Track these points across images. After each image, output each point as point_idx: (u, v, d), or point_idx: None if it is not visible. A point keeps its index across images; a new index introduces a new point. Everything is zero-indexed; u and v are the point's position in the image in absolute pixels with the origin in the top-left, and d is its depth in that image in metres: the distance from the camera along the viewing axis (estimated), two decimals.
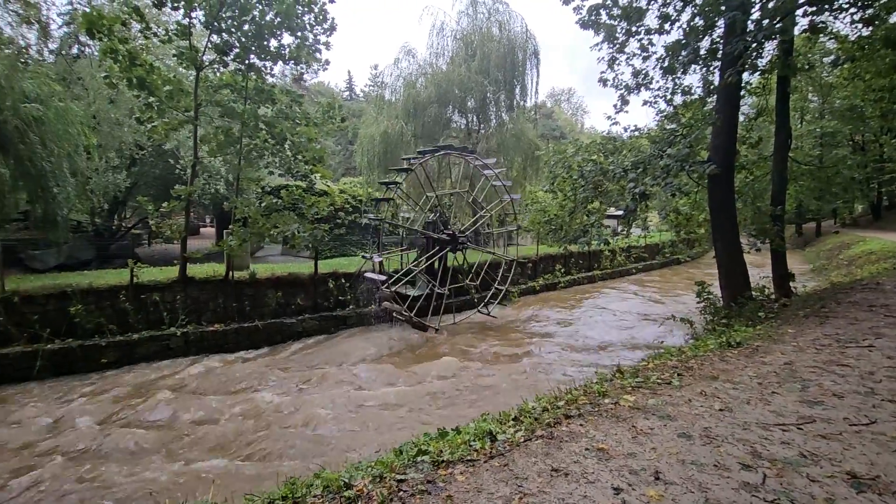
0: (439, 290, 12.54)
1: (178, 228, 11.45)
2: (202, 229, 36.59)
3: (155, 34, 10.54)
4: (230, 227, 11.37)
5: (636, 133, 10.74)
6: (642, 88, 10.50)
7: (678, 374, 4.89)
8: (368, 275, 12.26)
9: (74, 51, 21.80)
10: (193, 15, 10.30)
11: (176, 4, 10.11)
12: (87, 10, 9.66)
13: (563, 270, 19.73)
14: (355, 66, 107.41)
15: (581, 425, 3.70)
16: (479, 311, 13.54)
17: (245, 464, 5.78)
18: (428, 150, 13.25)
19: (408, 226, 14.32)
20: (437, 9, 23.55)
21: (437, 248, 12.83)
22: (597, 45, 10.43)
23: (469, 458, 3.29)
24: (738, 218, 9.79)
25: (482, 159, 13.96)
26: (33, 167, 12.73)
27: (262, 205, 11.86)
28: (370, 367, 9.50)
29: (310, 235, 11.67)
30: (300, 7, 10.55)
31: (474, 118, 22.42)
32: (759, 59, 8.47)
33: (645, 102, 10.76)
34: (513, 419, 4.18)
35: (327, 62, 11.69)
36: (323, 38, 11.16)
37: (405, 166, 13.12)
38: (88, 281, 9.94)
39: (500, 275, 14.44)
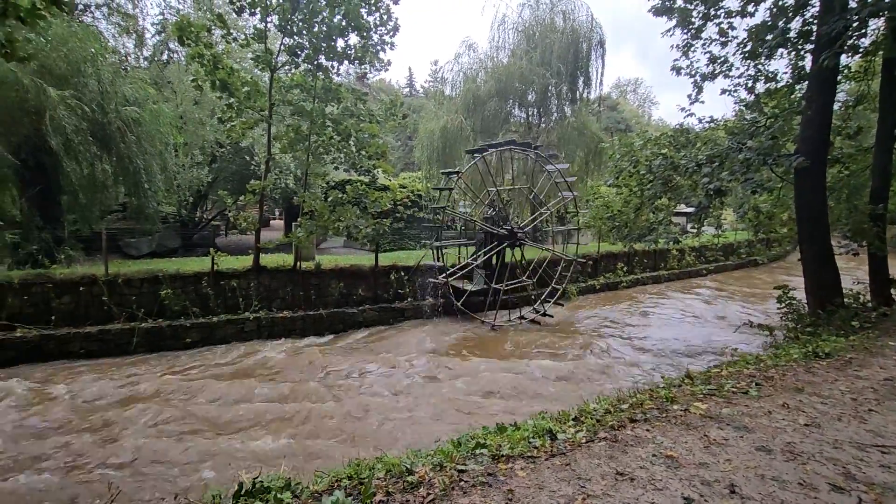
0: (496, 286, 12.49)
1: (253, 220, 12.24)
2: (272, 221, 38.86)
3: (235, 39, 11.32)
4: (298, 219, 12.00)
5: (712, 124, 10.05)
6: (720, 76, 9.80)
7: (756, 384, 4.56)
8: (428, 269, 12.47)
9: (165, 57, 23.88)
10: (269, 19, 10.92)
11: (253, 10, 10.78)
12: (177, 19, 10.50)
13: (625, 269, 18.93)
14: (416, 62, 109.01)
15: (647, 430, 3.57)
16: (535, 308, 13.34)
17: (308, 442, 6.11)
18: (491, 144, 13.19)
19: (466, 219, 14.38)
20: (499, 1, 23.22)
21: (496, 243, 12.78)
22: (669, 31, 9.87)
23: (529, 454, 3.28)
24: (830, 217, 8.88)
25: (544, 154, 13.69)
26: (131, 164, 14.14)
27: (328, 199, 12.39)
28: (427, 358, 9.69)
29: (372, 229, 12.07)
30: (365, 7, 10.86)
31: (534, 112, 21.99)
32: (862, 40, 7.62)
33: (723, 91, 10.05)
34: (573, 419, 4.12)
35: (389, 62, 11.96)
36: (387, 39, 11.43)
37: (467, 160, 13.14)
38: (176, 267, 10.93)
39: (558, 272, 14.13)
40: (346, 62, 11.68)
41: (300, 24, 10.82)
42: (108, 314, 9.90)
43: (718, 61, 9.69)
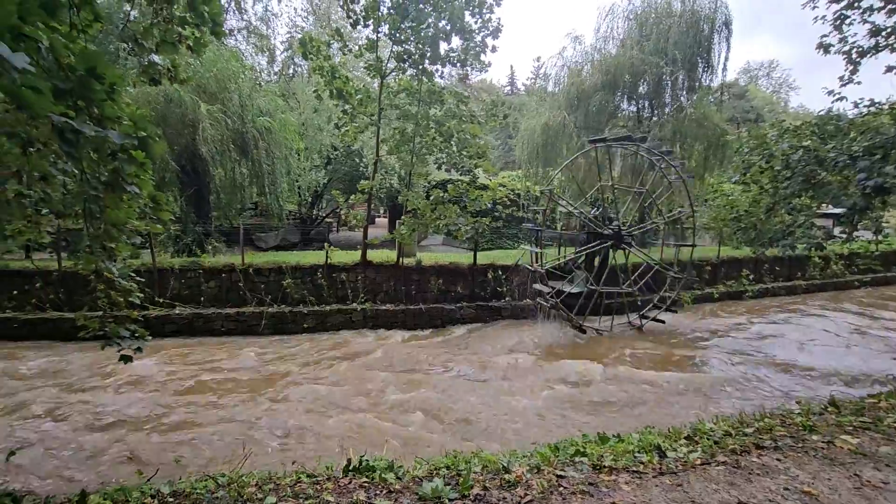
0: (599, 289, 11.87)
1: (361, 218, 13.17)
2: (377, 219, 41.32)
3: (350, 50, 12.25)
4: (402, 217, 12.62)
5: (873, 108, 8.45)
6: (885, 50, 8.19)
7: None
8: (526, 268, 12.29)
9: (291, 71, 26.63)
10: (380, 30, 11.61)
11: (367, 23, 11.54)
12: (301, 36, 11.66)
13: (751, 277, 16.80)
14: (518, 60, 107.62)
15: (778, 460, 3.14)
16: (641, 315, 12.43)
17: (407, 428, 6.40)
18: (599, 139, 12.54)
19: (570, 216, 13.88)
20: None
21: (599, 244, 12.15)
22: (810, 1, 8.52)
23: (634, 469, 3.08)
24: None
25: (657, 150, 12.67)
26: (262, 168, 16.08)
27: (430, 198, 12.84)
28: (524, 358, 9.57)
29: (471, 228, 12.24)
30: (469, 9, 11.02)
31: (645, 104, 20.44)
32: None
33: (888, 69, 8.39)
34: (685, 438, 3.78)
35: (489, 63, 11.99)
36: (488, 41, 11.49)
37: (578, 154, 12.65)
38: (296, 260, 12.18)
39: (669, 277, 12.98)
40: (448, 65, 11.98)
41: (408, 31, 11.34)
42: (242, 298, 11.37)
43: (883, 32, 8.10)
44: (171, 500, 2.62)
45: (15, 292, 10.41)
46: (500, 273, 13.02)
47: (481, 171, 13.33)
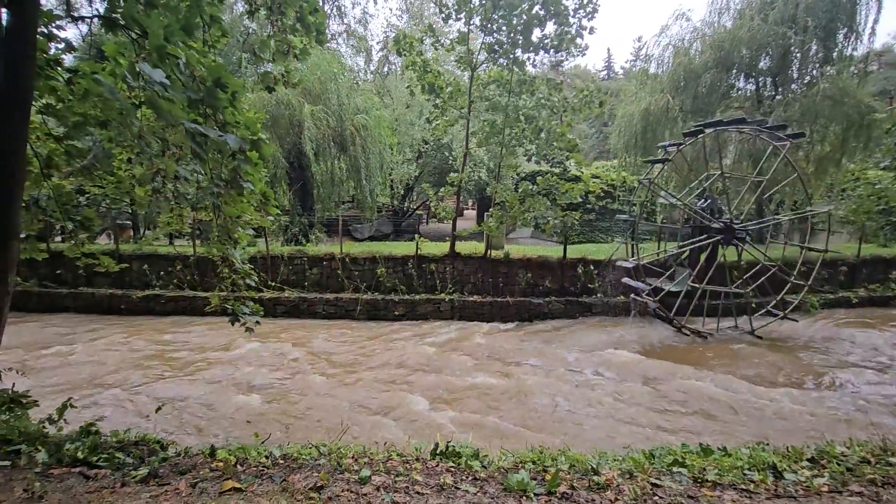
0: (703, 287, 10.83)
1: (450, 210, 13.41)
2: (465, 211, 41.79)
3: (441, 45, 12.45)
4: (490, 210, 12.61)
5: None
6: None
7: None
8: (620, 264, 11.62)
9: (385, 69, 27.79)
10: (472, 22, 11.63)
11: (458, 16, 11.62)
12: (395, 34, 12.10)
13: None
14: (615, 42, 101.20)
15: None
16: (752, 318, 11.10)
17: (492, 419, 6.44)
18: (707, 123, 11.36)
19: (672, 209, 12.83)
20: None
21: (706, 239, 11.06)
22: None
23: (743, 487, 2.80)
24: None
25: (778, 132, 11.16)
26: (358, 163, 17.07)
27: (519, 190, 12.67)
28: (615, 357, 9.10)
29: (560, 222, 11.86)
30: None
31: (767, 81, 18.06)
32: None
33: None
34: (807, 459, 3.34)
35: (586, 46, 11.41)
36: (584, 23, 10.94)
37: (678, 142, 11.59)
38: (389, 250, 12.80)
39: (792, 278, 11.40)
40: (541, 52, 11.65)
41: (499, 20, 11.21)
42: (340, 285, 12.25)
43: None
44: (281, 461, 2.93)
45: (161, 273, 12.32)
46: (592, 268, 12.47)
47: (573, 163, 12.83)
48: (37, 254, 4.52)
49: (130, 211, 13.29)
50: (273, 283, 12.14)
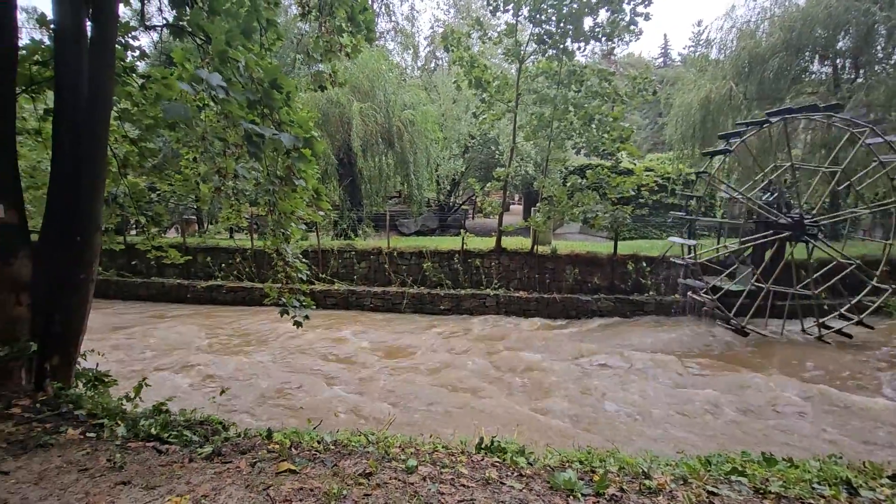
0: (769, 287, 10.10)
1: (496, 205, 13.32)
2: (511, 206, 41.37)
3: (489, 38, 12.32)
4: (537, 204, 12.40)
5: None
6: None
7: None
8: (675, 260, 11.09)
9: (432, 65, 27.91)
10: (520, 13, 11.42)
11: (507, 7, 11.44)
12: (443, 29, 12.13)
13: None
14: (672, 28, 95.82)
15: None
16: (822, 324, 10.21)
17: (537, 416, 6.37)
18: (776, 111, 10.53)
19: (737, 203, 12.05)
20: None
21: (772, 235, 10.29)
22: None
23: (812, 501, 2.60)
24: None
25: (859, 119, 10.15)
26: (404, 158, 17.31)
27: (567, 184, 12.37)
28: (668, 359, 8.71)
29: (610, 216, 11.46)
30: None
31: (845, 63, 16.51)
32: None
33: None
34: (888, 476, 3.06)
35: (640, 31, 10.90)
36: (640, 9, 10.46)
37: (736, 131, 10.87)
38: (434, 245, 12.91)
39: (874, 279, 10.34)
40: (593, 41, 11.26)
41: (549, 10, 10.94)
42: (387, 279, 12.51)
43: None
44: (332, 447, 3.05)
45: (222, 265, 13.11)
46: (644, 265, 11.98)
47: (624, 155, 12.35)
48: (115, 245, 4.95)
49: (195, 206, 14.23)
50: (324, 276, 12.59)
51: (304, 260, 4.93)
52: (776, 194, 10.75)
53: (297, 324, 4.82)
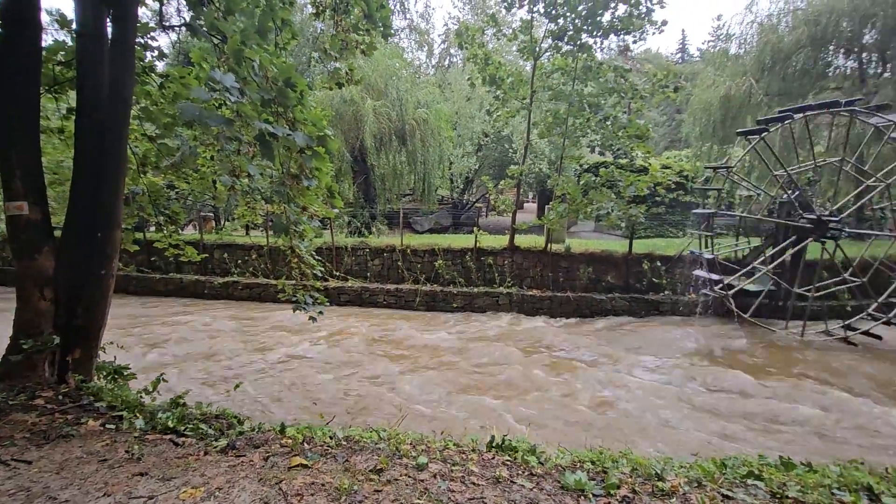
0: (789, 288, 9.86)
1: (509, 203, 13.25)
2: (525, 204, 41.12)
3: (504, 35, 12.25)
4: (550, 202, 12.30)
5: None
6: None
7: None
8: (692, 251, 10.89)
9: (447, 62, 27.84)
10: (535, 8, 11.31)
11: (522, 3, 11.34)
12: (458, 26, 12.08)
13: None
14: (690, 22, 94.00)
15: None
16: (847, 325, 9.92)
17: (548, 417, 6.33)
18: (794, 108, 10.27)
19: (756, 201, 11.80)
20: None
21: (793, 234, 10.04)
22: None
23: None
24: None
25: (881, 114, 9.82)
26: (418, 156, 17.34)
27: (581, 182, 12.24)
28: (684, 360, 8.58)
29: (624, 215, 11.31)
30: None
31: (872, 57, 16.00)
32: None
33: None
34: None
35: (664, 22, 10.70)
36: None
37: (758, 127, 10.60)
38: (448, 242, 12.90)
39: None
40: (610, 35, 11.10)
41: (564, 5, 10.81)
42: (400, 276, 12.55)
43: None
44: (344, 443, 3.08)
45: (239, 261, 13.31)
46: (659, 264, 11.80)
47: (640, 153, 12.17)
48: (129, 246, 5.05)
49: (213, 204, 14.46)
50: (337, 273, 12.69)
51: (317, 257, 4.98)
52: (797, 192, 10.48)
53: (312, 319, 4.89)
